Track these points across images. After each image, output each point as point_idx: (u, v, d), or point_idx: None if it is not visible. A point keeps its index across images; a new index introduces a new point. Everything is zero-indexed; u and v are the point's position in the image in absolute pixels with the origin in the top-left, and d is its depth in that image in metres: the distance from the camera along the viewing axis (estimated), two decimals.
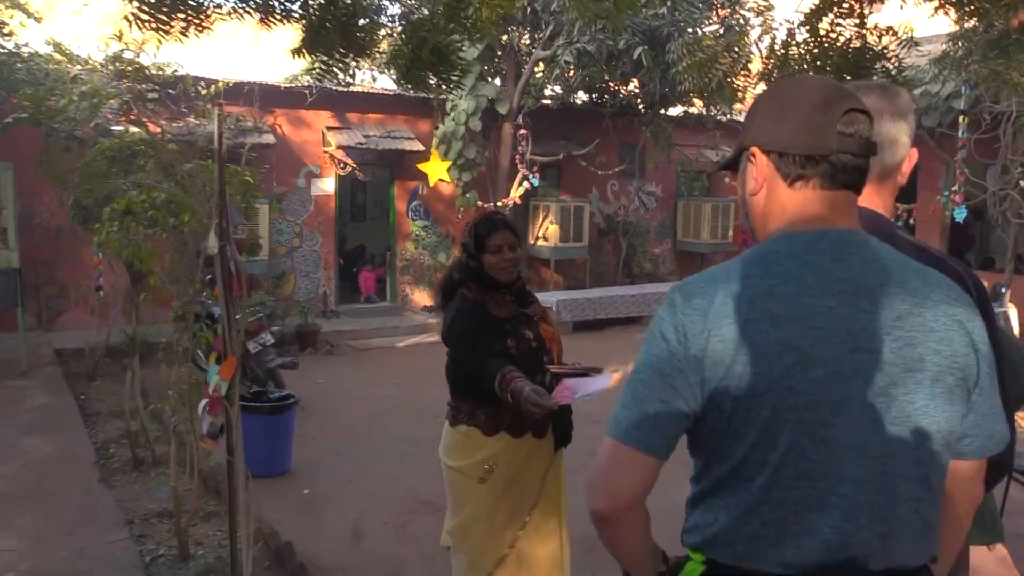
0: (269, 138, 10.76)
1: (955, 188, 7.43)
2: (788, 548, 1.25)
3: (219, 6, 3.59)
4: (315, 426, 6.81)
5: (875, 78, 4.54)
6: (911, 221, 11.50)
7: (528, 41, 12.15)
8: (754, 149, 1.36)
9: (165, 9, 3.43)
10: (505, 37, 11.93)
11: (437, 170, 11.30)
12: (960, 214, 7.01)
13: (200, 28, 3.61)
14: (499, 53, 12.15)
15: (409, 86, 3.73)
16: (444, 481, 2.97)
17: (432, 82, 3.76)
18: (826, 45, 4.43)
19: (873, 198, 1.68)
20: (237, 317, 2.94)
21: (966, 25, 6.42)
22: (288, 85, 11.32)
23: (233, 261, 2.86)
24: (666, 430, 1.30)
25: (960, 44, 6.70)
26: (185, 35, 3.61)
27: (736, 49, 5.24)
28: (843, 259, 1.28)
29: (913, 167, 1.78)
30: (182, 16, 3.48)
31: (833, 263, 1.28)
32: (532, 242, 13.13)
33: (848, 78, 4.40)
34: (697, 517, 1.35)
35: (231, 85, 10.33)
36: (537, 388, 2.58)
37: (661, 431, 1.29)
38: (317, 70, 3.75)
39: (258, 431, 5.28)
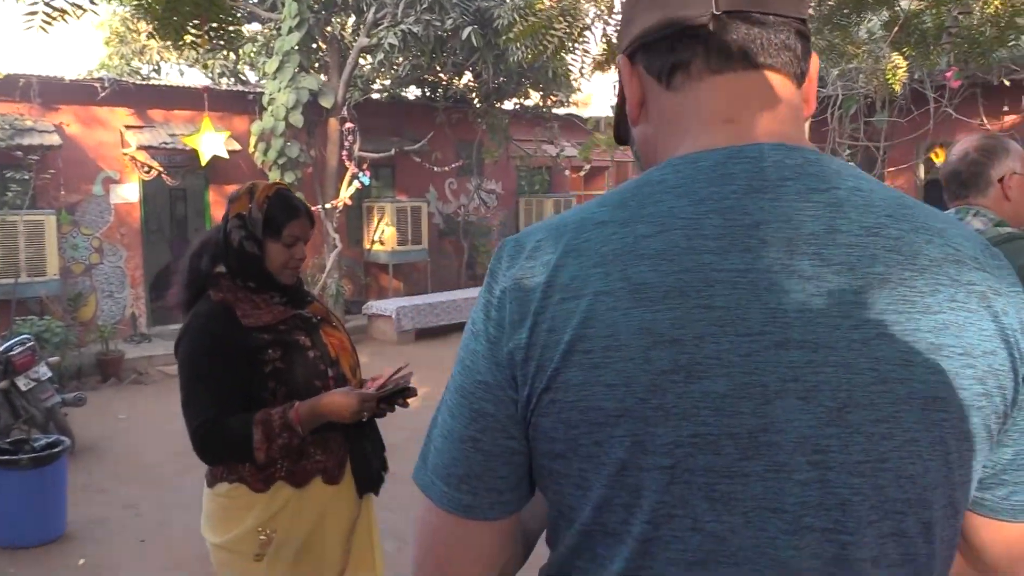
0: (53, 139, 9.32)
1: None
2: None
3: None
4: (108, 474, 5.72)
5: None
6: None
7: (351, 31, 11.30)
8: (620, 61, 0.88)
9: None
10: (329, 28, 11.04)
11: (209, 143, 9.37)
12: None
13: None
14: (321, 44, 11.24)
15: (167, 41, 2.87)
16: (213, 566, 2.16)
17: (197, 34, 2.91)
18: None
19: None
20: None
21: None
22: (76, 78, 9.90)
23: None
24: (490, 480, 0.81)
25: None
26: None
27: (571, 15, 4.67)
28: (769, 189, 0.75)
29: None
30: None
31: (748, 197, 0.75)
32: (368, 247, 12.28)
33: None
34: None
35: (3, 78, 8.90)
36: (343, 389, 2.02)
37: (482, 483, 0.81)
38: (41, 16, 2.83)
39: (14, 490, 4.22)
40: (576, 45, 4.86)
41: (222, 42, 2.98)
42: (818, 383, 0.71)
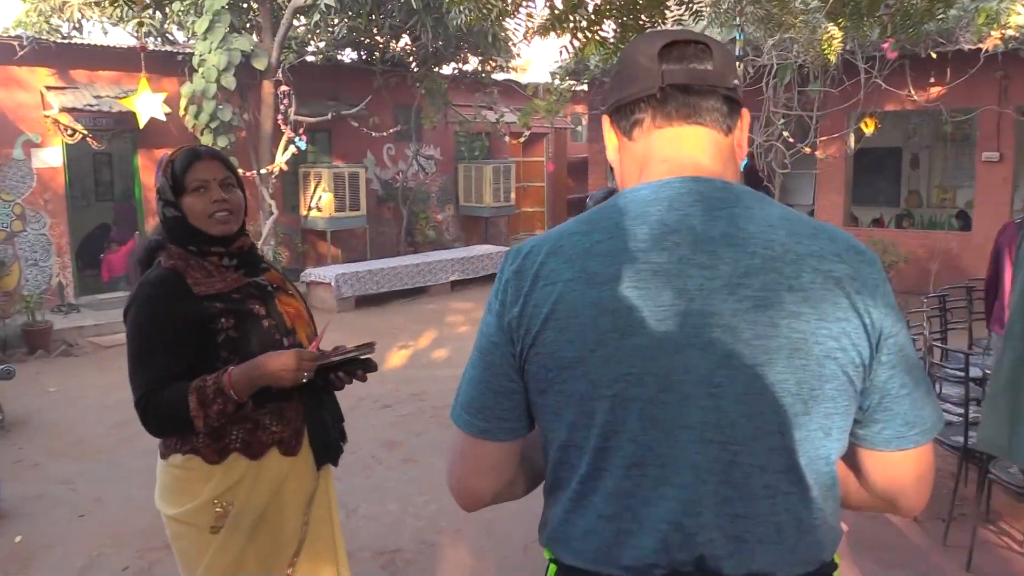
0: None
1: None
2: (626, 548, 1.08)
3: None
4: (40, 448, 5.56)
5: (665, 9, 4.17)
6: None
7: None
8: (603, 118, 1.25)
9: None
10: None
11: (147, 104, 9.04)
12: (742, 163, 7.04)
13: None
14: (252, 3, 10.88)
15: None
16: (168, 537, 2.13)
17: None
18: None
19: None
20: None
21: None
22: None
23: None
24: (498, 410, 1.16)
25: None
26: None
27: None
28: (682, 208, 1.09)
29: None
30: None
31: (669, 212, 1.09)
32: (305, 213, 12.07)
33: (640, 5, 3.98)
34: (547, 512, 1.19)
35: None
36: (272, 352, 1.98)
37: (492, 412, 1.16)
38: None
39: None
40: (521, 8, 4.81)
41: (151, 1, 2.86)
42: (712, 339, 1.03)
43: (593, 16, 4.13)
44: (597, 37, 4.20)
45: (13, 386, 6.37)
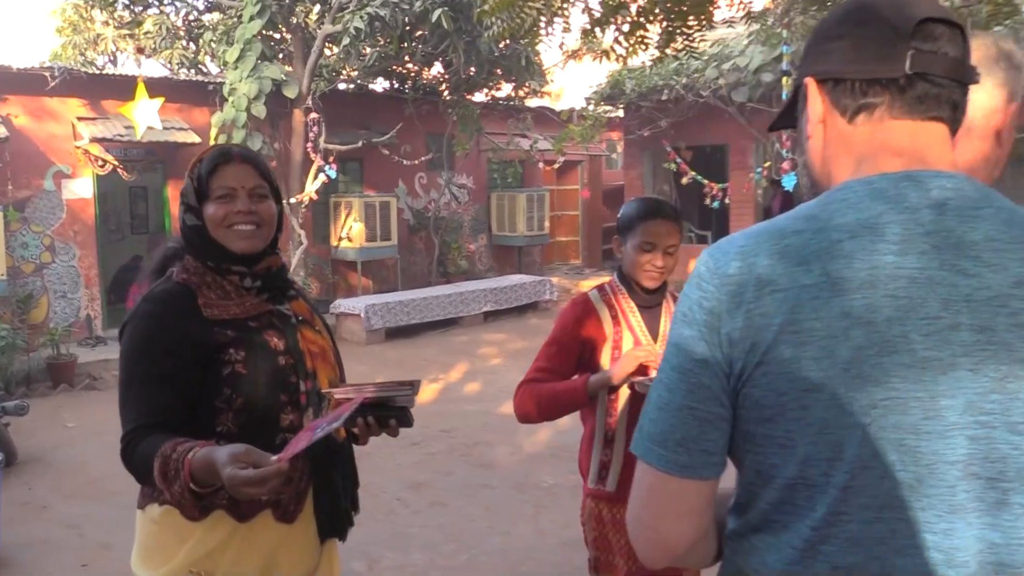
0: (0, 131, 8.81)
1: (785, 154, 7.04)
2: None
3: None
4: (50, 488, 5.28)
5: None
6: (726, 200, 11.33)
7: (316, 18, 10.87)
8: (807, 80, 1.02)
9: None
10: (292, 17, 10.59)
11: (144, 112, 8.51)
12: (789, 182, 6.64)
13: None
14: (284, 32, 10.79)
15: None
16: None
17: None
18: None
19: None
20: None
21: None
22: (24, 68, 9.36)
23: None
24: (704, 442, 0.97)
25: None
26: None
27: None
28: (936, 206, 0.92)
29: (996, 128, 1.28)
30: None
31: (920, 211, 0.92)
32: (335, 243, 11.86)
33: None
34: (739, 559, 1.00)
35: None
36: (238, 449, 1.45)
37: (696, 445, 0.96)
38: None
39: None
40: (555, 19, 4.50)
41: None
42: (984, 358, 0.88)
43: (637, 18, 3.81)
44: (641, 42, 3.87)
45: (30, 421, 6.15)
